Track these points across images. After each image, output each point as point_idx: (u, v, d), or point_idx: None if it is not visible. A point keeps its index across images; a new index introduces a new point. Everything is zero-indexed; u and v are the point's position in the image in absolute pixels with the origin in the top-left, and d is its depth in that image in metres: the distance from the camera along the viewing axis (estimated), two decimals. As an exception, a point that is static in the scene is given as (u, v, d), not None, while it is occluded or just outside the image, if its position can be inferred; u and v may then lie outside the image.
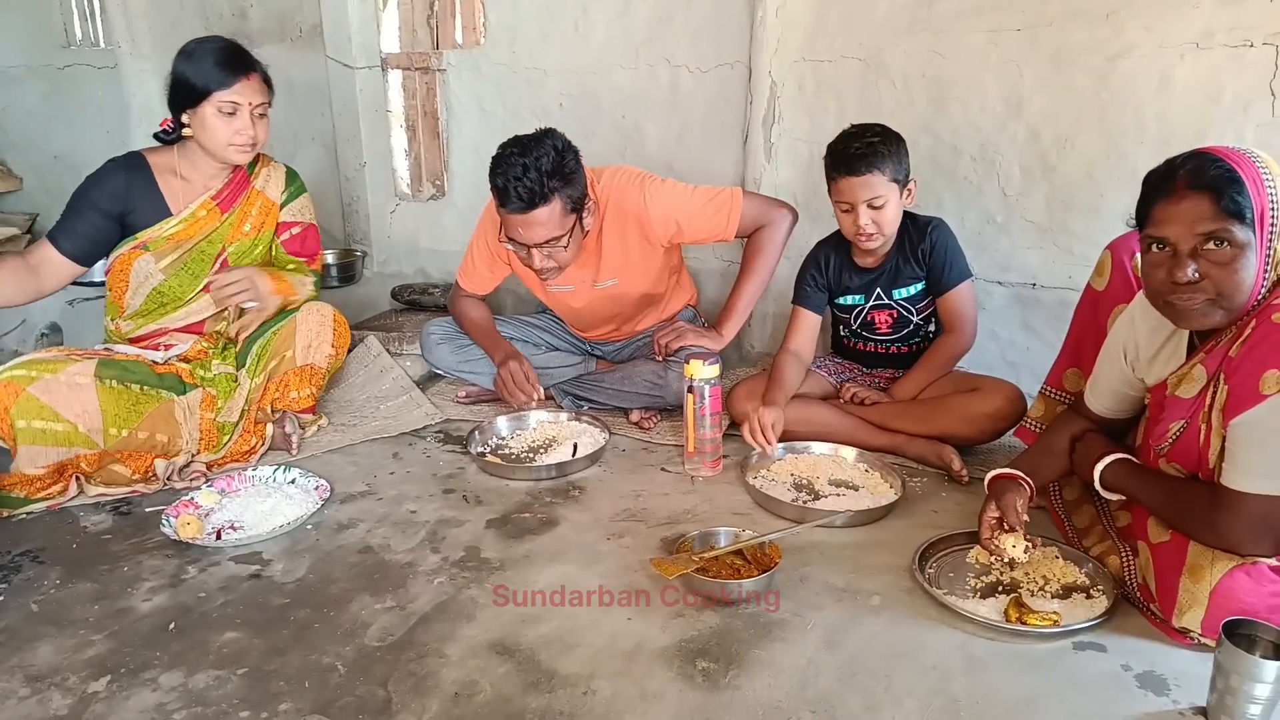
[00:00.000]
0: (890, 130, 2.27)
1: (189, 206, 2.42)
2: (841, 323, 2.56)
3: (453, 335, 2.82)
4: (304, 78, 3.74)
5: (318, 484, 2.18)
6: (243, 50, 2.35)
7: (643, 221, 2.49)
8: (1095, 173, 2.55)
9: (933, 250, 2.34)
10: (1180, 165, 1.48)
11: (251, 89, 2.31)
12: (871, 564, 1.84)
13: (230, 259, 2.50)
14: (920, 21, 2.68)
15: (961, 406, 2.27)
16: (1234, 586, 1.46)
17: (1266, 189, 1.43)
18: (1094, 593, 1.70)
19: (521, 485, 2.25)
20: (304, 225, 2.64)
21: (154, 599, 1.75)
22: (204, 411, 2.36)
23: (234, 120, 2.30)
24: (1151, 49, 2.40)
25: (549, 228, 2.32)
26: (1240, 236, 1.43)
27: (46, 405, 2.10)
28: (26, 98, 4.54)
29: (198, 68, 2.27)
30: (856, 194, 2.23)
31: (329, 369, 2.55)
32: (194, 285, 2.47)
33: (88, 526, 2.05)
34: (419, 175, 3.73)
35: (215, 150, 2.34)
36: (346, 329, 2.61)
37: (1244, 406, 1.41)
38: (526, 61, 3.33)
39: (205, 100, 2.27)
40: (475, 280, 2.78)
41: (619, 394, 2.65)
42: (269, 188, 2.57)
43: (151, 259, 2.42)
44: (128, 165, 2.40)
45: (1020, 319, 2.78)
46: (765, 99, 2.91)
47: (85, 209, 2.35)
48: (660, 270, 2.66)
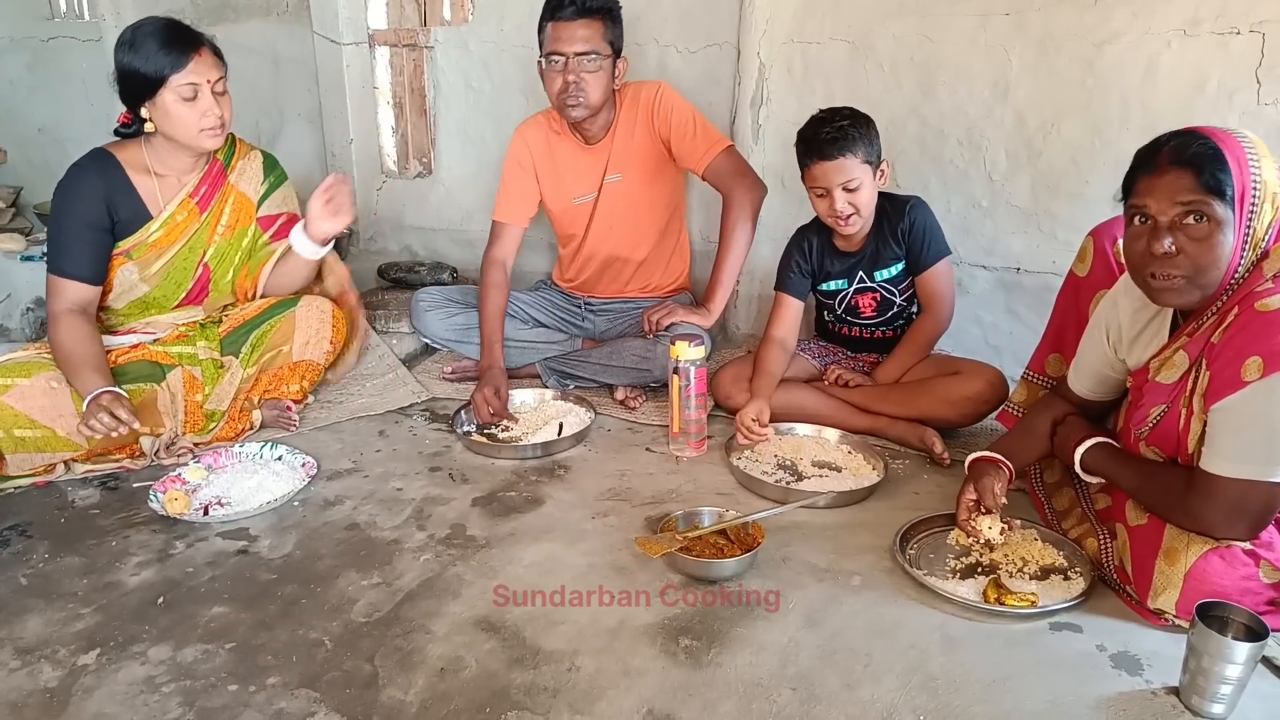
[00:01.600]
0: (859, 113, 2.27)
1: (168, 208, 2.33)
2: (825, 308, 2.57)
3: (441, 304, 2.84)
4: (290, 53, 3.71)
5: (304, 461, 2.19)
6: (184, 26, 2.22)
7: (651, 112, 2.67)
8: (1080, 159, 2.56)
9: (912, 229, 2.35)
10: (1166, 141, 1.51)
11: (206, 65, 2.19)
12: (853, 544, 1.87)
13: (210, 263, 2.42)
14: (909, 5, 2.68)
15: (943, 389, 2.30)
16: (1208, 569, 1.49)
17: (1250, 169, 1.46)
18: (1071, 574, 1.73)
19: (507, 464, 2.26)
20: (287, 215, 2.55)
21: (142, 573, 1.76)
22: (189, 394, 2.33)
23: (197, 104, 2.18)
24: (1138, 35, 2.41)
25: (590, 40, 2.51)
26: (1218, 212, 1.45)
27: (22, 414, 2.08)
28: (9, 69, 4.48)
29: (144, 55, 2.14)
30: (831, 178, 2.24)
31: (325, 365, 2.55)
32: (178, 294, 2.41)
33: (75, 501, 2.05)
34: (406, 153, 3.72)
35: (186, 139, 2.23)
36: (344, 324, 2.60)
37: (1225, 392, 1.44)
38: (515, 39, 3.31)
39: (162, 88, 2.15)
40: (508, 209, 2.79)
41: (606, 369, 2.67)
42: (243, 181, 2.46)
43: (134, 269, 2.34)
44: (99, 168, 2.27)
45: (1004, 303, 2.80)
46: (753, 80, 2.91)
47: (76, 231, 2.23)
48: (660, 186, 2.77)
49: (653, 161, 2.73)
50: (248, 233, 2.48)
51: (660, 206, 2.81)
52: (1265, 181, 1.46)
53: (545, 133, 2.77)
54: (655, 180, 2.76)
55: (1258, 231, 1.48)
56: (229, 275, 2.46)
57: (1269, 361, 1.39)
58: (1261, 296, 1.44)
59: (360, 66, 3.60)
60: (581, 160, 2.75)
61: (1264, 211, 1.47)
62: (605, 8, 2.54)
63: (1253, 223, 1.47)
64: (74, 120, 4.36)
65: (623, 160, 2.73)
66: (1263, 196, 1.47)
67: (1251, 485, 1.44)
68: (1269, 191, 1.47)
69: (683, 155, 2.69)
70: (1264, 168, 1.47)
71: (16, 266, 3.35)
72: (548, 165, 2.78)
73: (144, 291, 2.37)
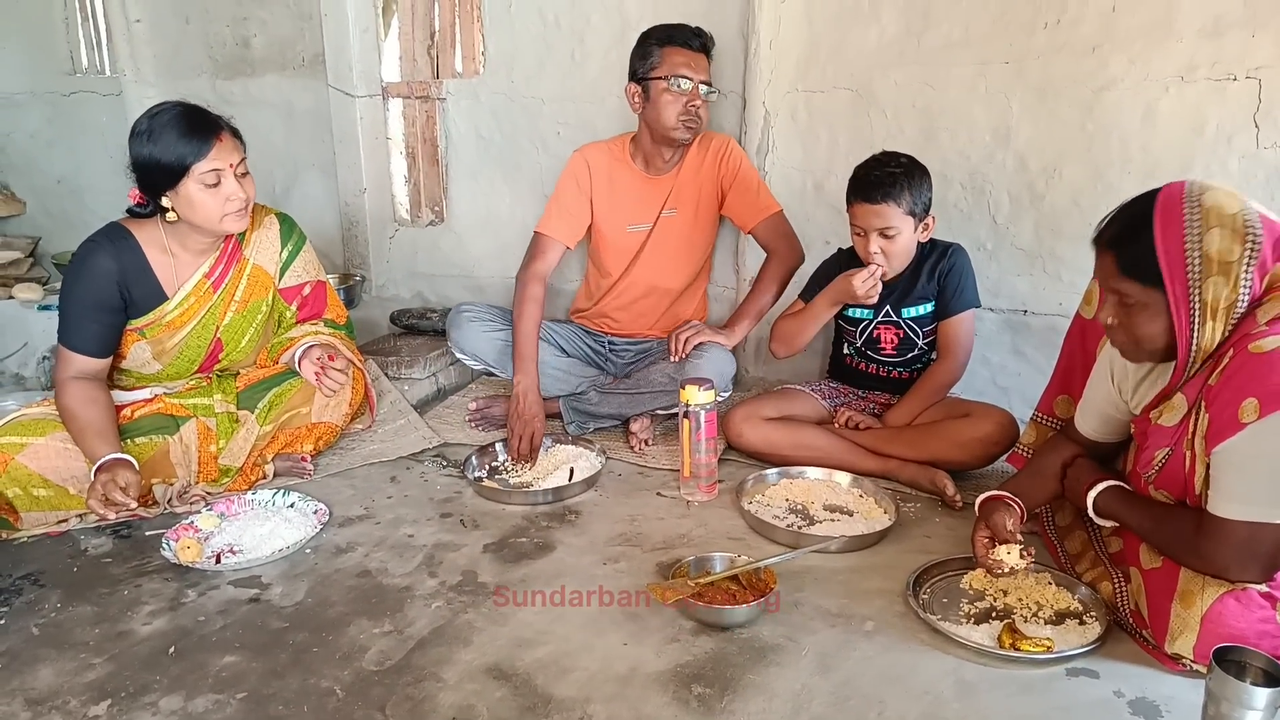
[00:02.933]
0: (916, 162, 2.30)
1: (184, 288, 2.28)
2: (846, 338, 2.58)
3: (485, 315, 2.81)
4: (305, 106, 3.79)
5: (316, 508, 2.20)
6: (202, 111, 2.16)
7: (720, 160, 2.79)
8: (1082, 201, 2.59)
9: (950, 271, 2.37)
10: (1105, 219, 1.59)
11: (227, 149, 2.13)
12: (865, 589, 1.86)
13: (223, 336, 2.39)
14: (909, 53, 2.73)
15: (954, 432, 2.30)
16: (1224, 612, 1.48)
17: (1187, 244, 1.47)
18: (1087, 619, 1.72)
19: (518, 509, 2.27)
20: (313, 284, 2.53)
21: (154, 622, 1.76)
22: (202, 445, 2.34)
23: (221, 189, 2.13)
24: (1136, 81, 2.45)
25: (708, 73, 2.66)
26: (1139, 295, 1.51)
27: (35, 473, 2.09)
28: (30, 122, 4.57)
29: (164, 145, 2.08)
30: (870, 221, 2.27)
31: (342, 427, 2.57)
32: (190, 369, 2.40)
33: (88, 549, 2.06)
34: (418, 201, 3.77)
35: (209, 225, 2.18)
36: (362, 385, 2.60)
37: (1225, 435, 1.44)
38: (524, 90, 3.38)
39: (185, 177, 2.09)
40: (558, 226, 2.79)
41: (633, 399, 2.68)
42: (261, 254, 2.42)
43: (147, 347, 2.31)
44: (115, 248, 2.20)
45: (1011, 344, 2.81)
46: (759, 128, 2.96)
47: (86, 310, 2.18)
48: (705, 228, 2.87)
49: (706, 204, 2.83)
50: (264, 304, 2.45)
51: (701, 245, 2.91)
52: (1209, 255, 1.47)
53: (609, 159, 2.83)
54: (703, 221, 2.86)
55: (1210, 300, 1.48)
56: (241, 343, 2.44)
57: (1265, 402, 1.39)
58: (1255, 338, 1.45)
59: (373, 118, 3.66)
60: (643, 189, 2.83)
61: (1212, 283, 1.47)
62: (713, 49, 2.69)
63: (1197, 295, 1.48)
64: (92, 172, 4.43)
65: (681, 197, 2.82)
66: (1207, 270, 1.47)
67: (1260, 527, 1.44)
68: (1215, 263, 1.47)
69: (736, 207, 2.80)
70: (1209, 239, 1.46)
71: (33, 315, 3.40)
72: (606, 189, 2.84)
73: (156, 369, 2.37)
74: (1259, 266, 1.48)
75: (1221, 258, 1.47)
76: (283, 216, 2.51)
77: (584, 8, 3.18)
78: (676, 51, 2.61)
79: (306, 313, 2.55)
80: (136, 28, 3.98)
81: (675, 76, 2.60)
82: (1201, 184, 1.52)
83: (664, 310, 2.95)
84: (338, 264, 3.88)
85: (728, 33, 2.97)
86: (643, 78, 2.65)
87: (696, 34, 2.63)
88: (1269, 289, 1.50)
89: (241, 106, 3.87)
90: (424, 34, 3.55)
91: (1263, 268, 1.49)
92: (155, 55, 4.03)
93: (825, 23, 2.83)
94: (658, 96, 2.63)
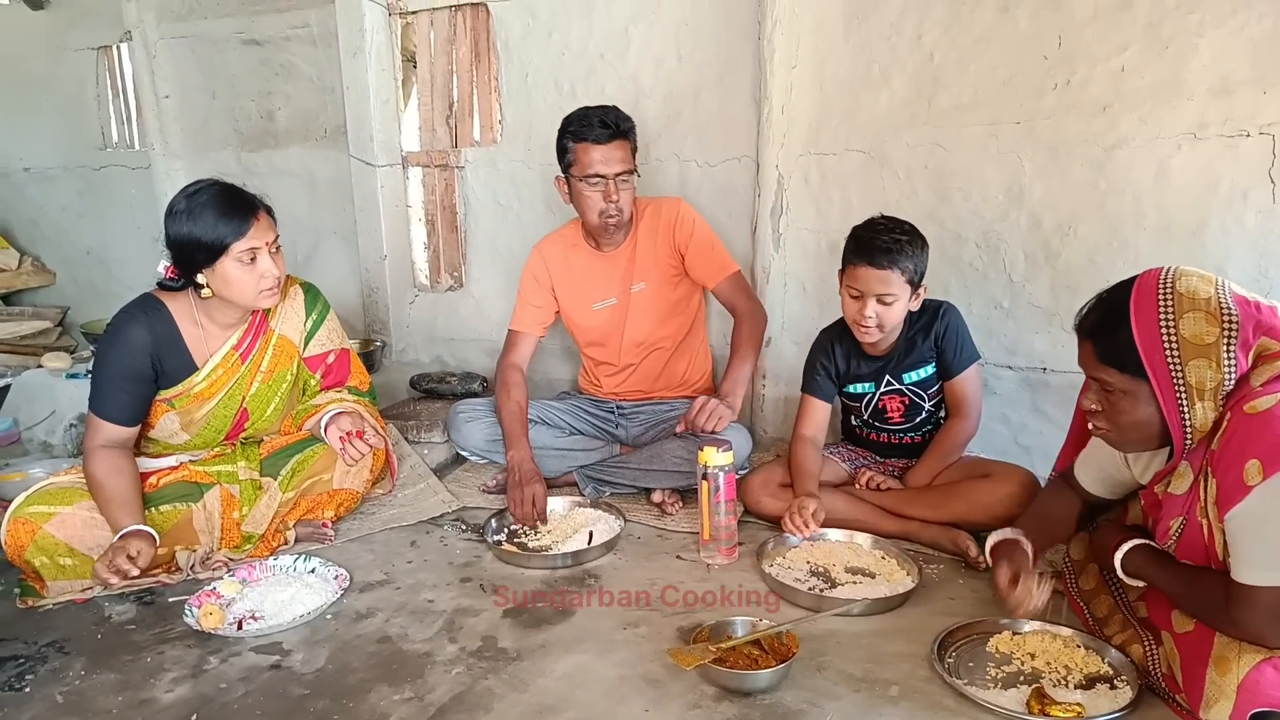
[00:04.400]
0: (918, 232, 2.32)
1: (213, 360, 2.33)
2: (852, 412, 2.58)
3: (482, 414, 2.90)
4: (326, 175, 3.89)
5: (337, 573, 2.20)
6: (239, 191, 2.21)
7: (673, 227, 2.80)
8: (1098, 258, 2.60)
9: (945, 334, 2.38)
10: (1084, 307, 1.64)
11: (263, 228, 2.19)
12: (889, 653, 1.83)
13: (249, 405, 2.43)
14: (920, 116, 2.78)
15: (975, 492, 2.29)
16: (1260, 680, 1.44)
17: (1162, 330, 1.50)
18: (1118, 683, 1.68)
19: (537, 574, 2.26)
20: (337, 352, 2.57)
21: (176, 689, 1.76)
22: (225, 511, 2.35)
23: (256, 266, 2.18)
24: (1147, 140, 2.47)
25: (625, 160, 2.65)
26: (1119, 383, 1.54)
27: (62, 542, 2.12)
28: (61, 195, 4.71)
29: (203, 224, 2.12)
30: (871, 285, 2.27)
31: (363, 494, 2.59)
32: (216, 439, 2.43)
33: (112, 616, 2.07)
34: (438, 267, 3.84)
35: (243, 302, 2.24)
36: (383, 452, 2.63)
37: (1234, 500, 1.43)
38: (540, 158, 3.45)
39: (223, 256, 2.14)
40: (524, 319, 2.93)
41: (647, 474, 2.68)
42: (286, 325, 2.46)
43: (176, 419, 2.35)
44: (149, 320, 2.25)
45: (1030, 402, 2.80)
46: (772, 191, 3.00)
47: (119, 381, 2.22)
48: (681, 294, 2.87)
49: (672, 270, 2.85)
50: (289, 373, 2.49)
51: (684, 306, 2.92)
52: (1186, 339, 1.49)
53: (563, 247, 2.90)
54: (677, 286, 2.87)
55: (1195, 382, 1.50)
56: (267, 412, 2.48)
57: (1268, 463, 1.39)
58: (1251, 398, 1.45)
59: (394, 186, 3.75)
60: (598, 267, 2.87)
61: (1194, 366, 1.49)
62: (630, 128, 2.68)
63: (1180, 378, 1.50)
64: (120, 243, 4.56)
65: (645, 270, 2.84)
66: (1186, 353, 1.49)
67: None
68: (1193, 346, 1.49)
69: (695, 268, 2.83)
70: (1184, 324, 1.50)
71: (61, 384, 3.45)
72: (564, 276, 2.90)
73: (184, 440, 2.41)
74: (1241, 345, 1.50)
75: (1198, 340, 1.50)
76: (307, 286, 2.56)
77: (599, 77, 3.27)
78: (587, 148, 2.61)
79: (330, 380, 2.58)
80: (165, 103, 4.13)
81: (587, 177, 2.63)
82: (1177, 270, 1.56)
83: (663, 366, 2.96)
84: (359, 329, 3.93)
85: (740, 98, 3.04)
86: (564, 172, 2.70)
87: (604, 124, 2.60)
88: (1257, 360, 1.51)
89: (265, 177, 3.98)
90: (443, 105, 3.65)
91: (1245, 345, 1.50)
92: (183, 129, 4.16)
93: (836, 87, 2.88)
94: (578, 192, 2.69)
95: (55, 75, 4.51)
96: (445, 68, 3.60)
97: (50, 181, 4.72)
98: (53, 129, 4.62)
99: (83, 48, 4.41)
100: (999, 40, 2.62)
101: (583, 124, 2.63)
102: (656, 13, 3.13)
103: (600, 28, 3.23)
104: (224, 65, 3.99)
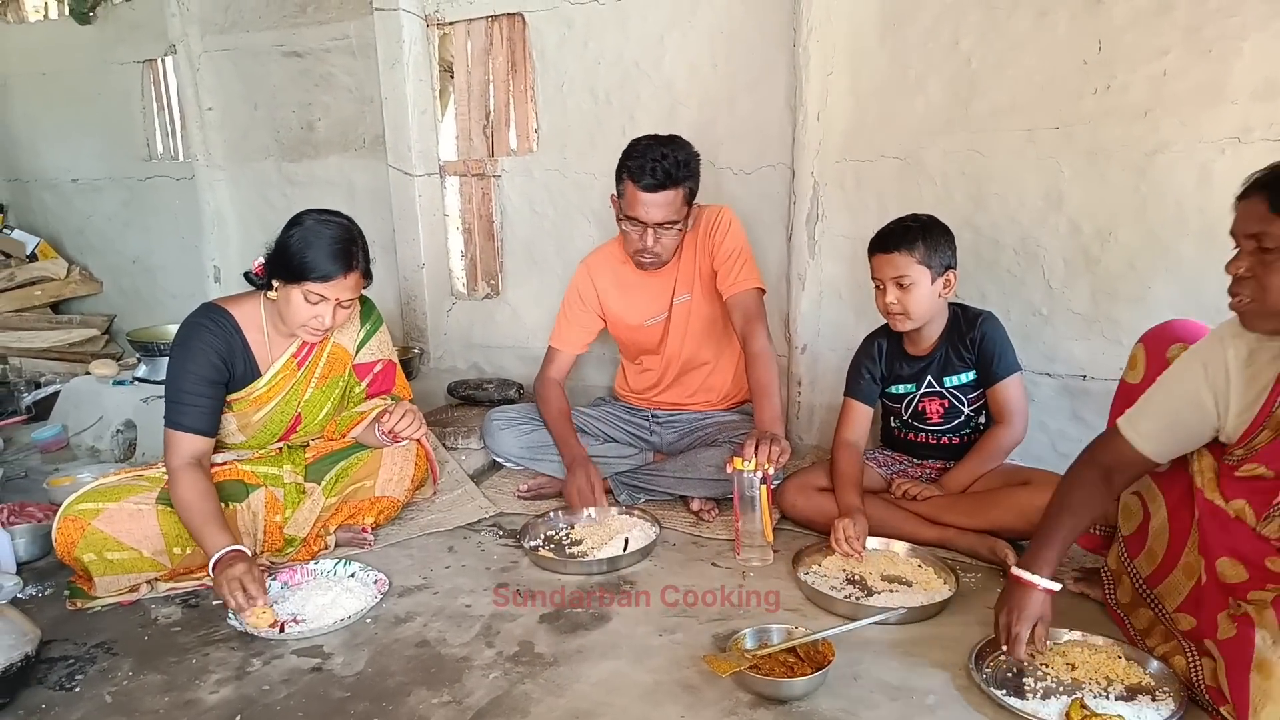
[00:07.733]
0: (936, 221, 2.33)
1: (274, 365, 2.38)
2: (892, 413, 2.58)
3: (515, 421, 2.93)
4: (366, 184, 3.94)
5: (376, 578, 2.23)
6: (354, 243, 2.25)
7: (709, 232, 2.73)
8: (1138, 264, 2.57)
9: (982, 340, 2.37)
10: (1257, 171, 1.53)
11: (345, 286, 2.23)
12: (926, 662, 1.82)
13: (303, 412, 2.48)
14: (957, 121, 2.77)
15: (1013, 500, 2.27)
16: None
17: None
18: (1160, 695, 1.66)
19: (574, 579, 2.27)
20: (384, 362, 2.61)
21: (220, 691, 1.79)
22: (269, 514, 2.40)
23: (315, 309, 2.23)
24: (1189, 144, 2.44)
25: (669, 210, 2.57)
26: None
27: (110, 536, 2.16)
28: (108, 205, 4.83)
29: (303, 249, 2.17)
30: (883, 270, 2.32)
31: (405, 502, 2.61)
32: (271, 440, 2.49)
33: (158, 618, 2.11)
34: (475, 275, 3.88)
35: (287, 323, 2.30)
36: (425, 462, 2.66)
37: None
38: (576, 166, 3.48)
39: (296, 284, 2.20)
40: (567, 337, 2.94)
41: (682, 481, 2.68)
42: (342, 334, 2.51)
43: (233, 419, 2.40)
44: (218, 327, 2.30)
45: (1069, 410, 2.77)
46: (808, 198, 3.00)
47: (198, 388, 2.26)
48: (722, 306, 2.78)
49: (712, 280, 2.79)
50: (340, 380, 2.53)
51: (724, 317, 2.85)
52: None
53: (613, 263, 2.89)
54: (713, 296, 2.81)
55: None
56: (319, 416, 2.52)
57: None
58: None
59: (431, 195, 3.79)
60: (650, 283, 2.85)
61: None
62: (686, 176, 2.56)
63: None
64: (164, 251, 4.65)
65: (689, 281, 2.82)
66: None
67: None
68: None
69: (721, 274, 2.73)
70: None
71: (109, 390, 3.53)
72: (614, 293, 2.90)
73: (240, 440, 2.46)
74: None
75: None
76: (363, 298, 2.58)
77: (634, 85, 3.29)
78: (635, 191, 2.55)
79: (375, 389, 2.62)
80: (208, 115, 4.21)
81: (628, 218, 2.62)
82: None
83: (701, 382, 2.96)
84: (397, 337, 3.98)
85: (775, 105, 3.04)
86: (618, 194, 2.66)
87: (655, 173, 2.50)
88: None
89: (305, 186, 4.05)
90: (479, 114, 3.69)
91: None
92: (225, 140, 4.24)
93: (871, 94, 2.88)
94: (620, 223, 2.69)
95: (102, 89, 4.63)
96: (482, 77, 3.64)
97: (97, 192, 4.84)
98: (99, 141, 4.74)
99: (128, 61, 4.52)
100: (1036, 45, 2.61)
101: (639, 163, 2.53)
102: (691, 20, 3.14)
103: (635, 36, 3.25)
104: (265, 77, 4.06)
